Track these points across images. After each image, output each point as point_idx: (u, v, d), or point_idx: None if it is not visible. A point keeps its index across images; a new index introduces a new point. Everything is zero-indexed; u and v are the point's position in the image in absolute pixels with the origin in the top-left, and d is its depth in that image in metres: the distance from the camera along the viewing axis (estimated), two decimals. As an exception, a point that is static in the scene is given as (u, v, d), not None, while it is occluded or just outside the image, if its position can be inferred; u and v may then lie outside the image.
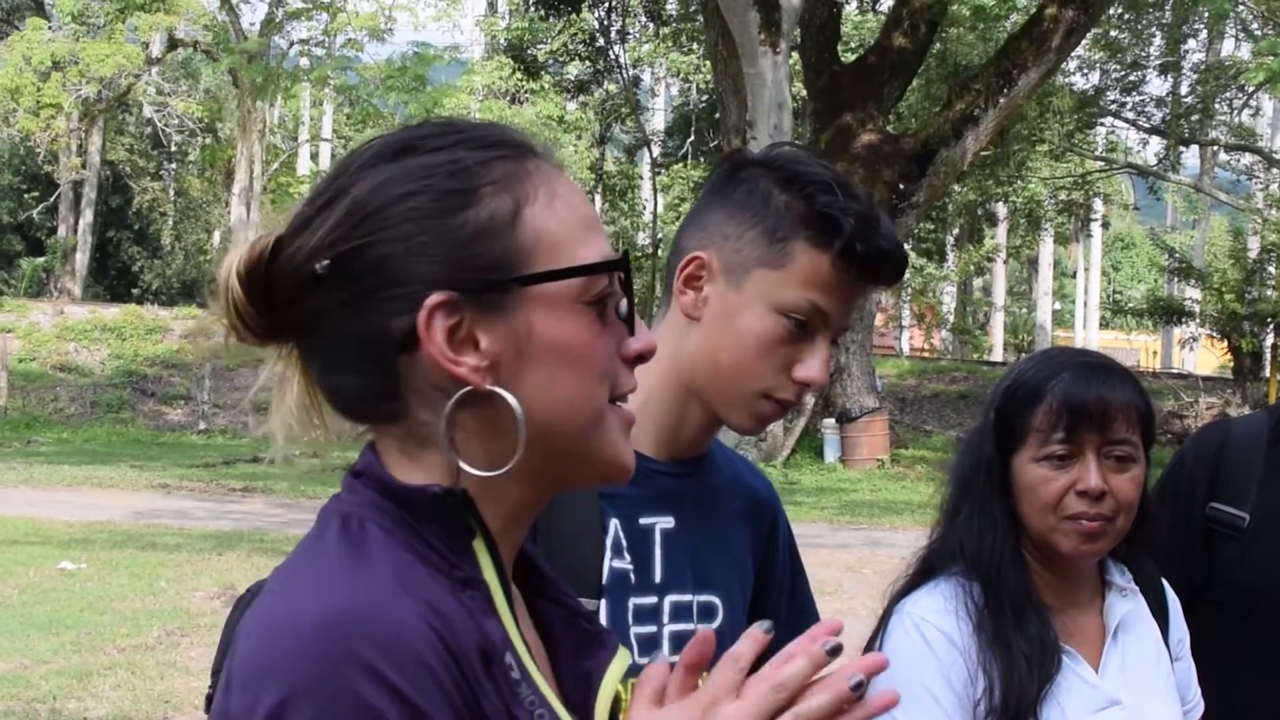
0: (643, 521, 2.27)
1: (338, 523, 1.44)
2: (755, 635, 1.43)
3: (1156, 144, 43.96)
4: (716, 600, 2.36)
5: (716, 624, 2.35)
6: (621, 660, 1.58)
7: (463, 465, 1.44)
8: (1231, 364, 33.91)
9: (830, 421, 26.93)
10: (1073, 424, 2.56)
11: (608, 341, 1.49)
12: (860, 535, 17.94)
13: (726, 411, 2.29)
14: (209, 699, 2.68)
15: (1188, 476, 3.24)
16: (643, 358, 1.53)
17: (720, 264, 2.26)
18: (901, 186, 26.66)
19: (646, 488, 2.15)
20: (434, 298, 1.41)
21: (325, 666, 1.29)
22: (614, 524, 2.24)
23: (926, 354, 48.89)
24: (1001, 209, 50.75)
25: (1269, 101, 43.28)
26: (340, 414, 1.51)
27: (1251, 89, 37.37)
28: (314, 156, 54.05)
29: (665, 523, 2.30)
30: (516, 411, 1.43)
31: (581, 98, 47.73)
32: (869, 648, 2.63)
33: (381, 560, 1.38)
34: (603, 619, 2.19)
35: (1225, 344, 33.58)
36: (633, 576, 2.25)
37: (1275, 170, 42.75)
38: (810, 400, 26.50)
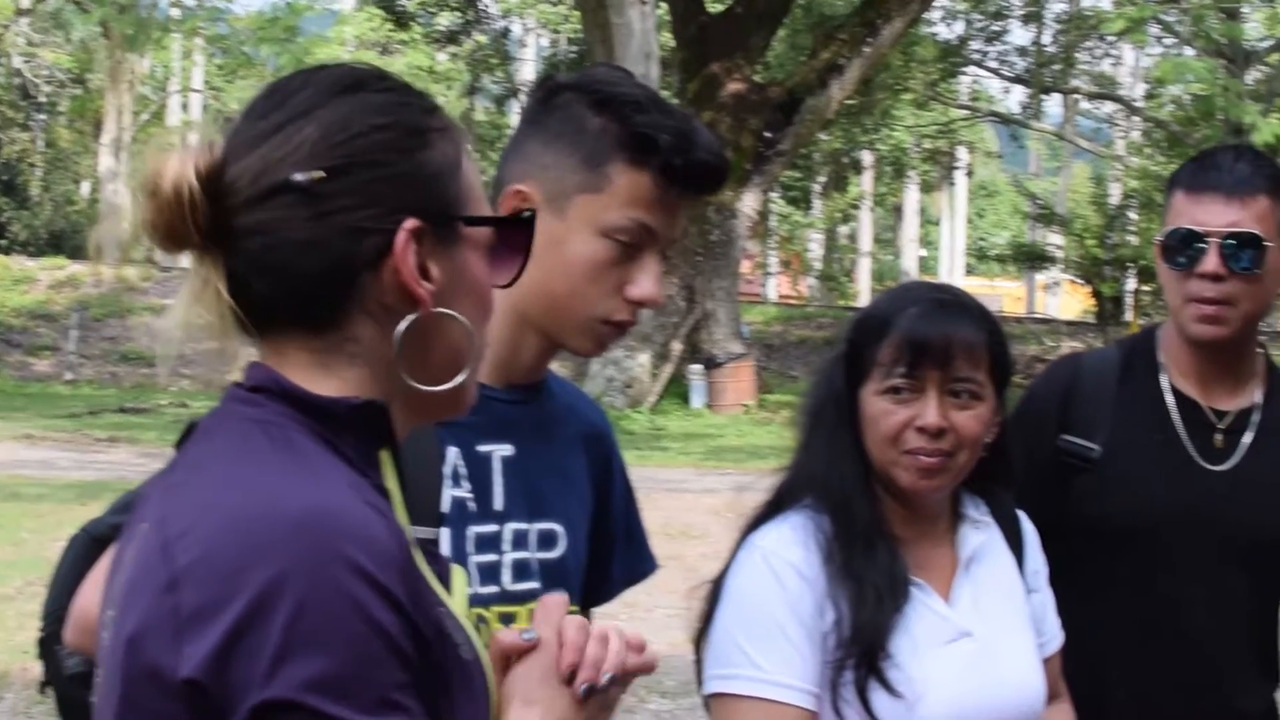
0: (480, 449, 2.29)
1: (260, 431, 1.50)
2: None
3: (1019, 92, 44.46)
4: (557, 528, 2.36)
5: (559, 552, 2.36)
6: (459, 577, 1.65)
7: (410, 381, 1.56)
8: (1094, 309, 34.31)
9: (697, 367, 26.97)
10: (915, 359, 2.51)
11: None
12: (727, 480, 17.78)
13: (566, 338, 2.32)
14: (42, 642, 2.66)
15: (1039, 410, 3.25)
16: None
17: (542, 194, 2.27)
18: (768, 135, 26.75)
19: (484, 415, 2.05)
20: (411, 222, 1.53)
21: (312, 559, 1.36)
22: (452, 452, 2.25)
23: (793, 301, 49.02)
24: (867, 157, 51.04)
25: (1129, 51, 43.79)
26: (255, 323, 1.55)
27: (1111, 38, 37.81)
28: (185, 107, 53.07)
29: (504, 450, 2.31)
30: (469, 330, 1.59)
31: (451, 48, 47.26)
32: (718, 581, 2.61)
33: (330, 469, 1.47)
34: (444, 548, 2.20)
35: (1088, 289, 34.06)
36: (472, 504, 2.27)
37: (1135, 118, 43.30)
38: (677, 347, 26.59)
